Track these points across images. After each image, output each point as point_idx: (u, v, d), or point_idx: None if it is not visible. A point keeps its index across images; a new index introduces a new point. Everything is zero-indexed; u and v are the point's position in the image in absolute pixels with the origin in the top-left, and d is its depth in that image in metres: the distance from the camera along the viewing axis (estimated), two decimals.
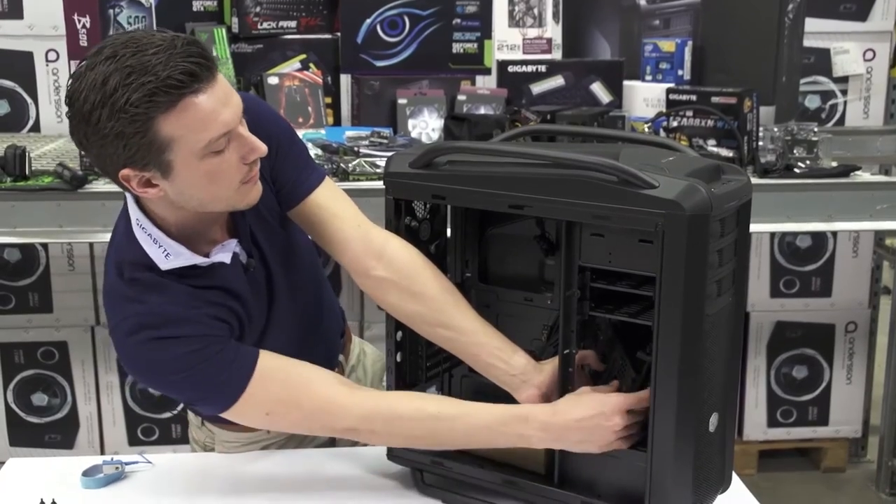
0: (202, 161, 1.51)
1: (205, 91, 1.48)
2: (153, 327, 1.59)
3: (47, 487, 1.77)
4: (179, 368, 1.59)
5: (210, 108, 1.48)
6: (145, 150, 1.48)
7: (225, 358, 1.61)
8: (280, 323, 1.80)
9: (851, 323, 3.99)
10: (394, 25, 3.27)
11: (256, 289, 1.75)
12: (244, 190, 1.59)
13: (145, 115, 1.44)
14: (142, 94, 1.43)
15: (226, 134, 1.51)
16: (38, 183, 2.68)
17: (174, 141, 1.48)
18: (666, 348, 1.47)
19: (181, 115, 1.46)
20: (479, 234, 1.82)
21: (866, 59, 3.80)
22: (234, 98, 1.53)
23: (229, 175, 1.55)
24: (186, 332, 1.59)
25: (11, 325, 3.66)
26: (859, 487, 3.99)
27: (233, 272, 1.69)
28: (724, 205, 1.49)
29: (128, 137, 1.46)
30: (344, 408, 1.64)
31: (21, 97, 3.53)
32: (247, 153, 1.55)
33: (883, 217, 2.86)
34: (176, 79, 1.44)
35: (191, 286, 1.63)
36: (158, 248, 1.61)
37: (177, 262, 1.61)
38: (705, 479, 1.58)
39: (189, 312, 1.60)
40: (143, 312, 1.60)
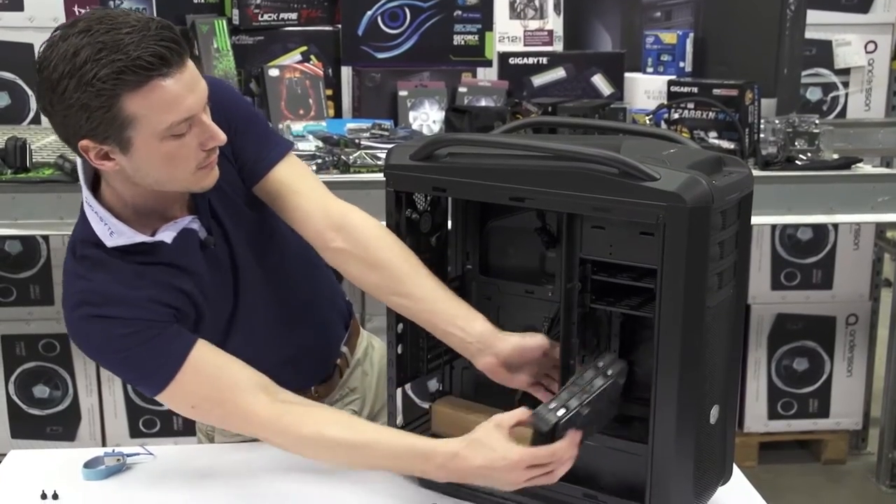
0: (162, 142, 1.54)
1: (173, 76, 1.50)
2: (94, 304, 1.63)
3: (49, 479, 1.78)
4: (116, 348, 1.64)
5: (175, 93, 1.50)
6: (107, 125, 1.50)
7: (160, 343, 1.63)
8: (253, 306, 1.81)
9: (852, 315, 3.99)
10: (394, 17, 3.27)
11: (217, 266, 1.75)
12: (200, 174, 1.62)
13: (111, 91, 1.47)
14: (110, 70, 1.45)
15: (188, 119, 1.54)
16: (38, 175, 2.68)
17: (137, 120, 1.50)
18: (667, 341, 1.47)
19: (147, 95, 1.48)
20: (480, 227, 1.82)
21: (868, 51, 3.80)
22: (200, 85, 1.56)
23: (186, 159, 1.58)
24: (125, 314, 1.62)
25: (13, 317, 3.67)
26: (859, 479, 4.00)
27: (187, 249, 1.71)
28: (726, 197, 1.49)
29: (92, 110, 1.48)
30: (259, 419, 1.66)
31: (22, 89, 3.53)
32: (206, 140, 1.58)
33: (884, 209, 2.86)
34: (146, 60, 1.46)
35: (138, 263, 1.65)
36: (104, 226, 1.64)
37: (120, 240, 1.64)
38: (706, 471, 1.58)
39: (131, 293, 1.63)
40: (86, 289, 1.64)
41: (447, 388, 1.90)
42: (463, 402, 1.85)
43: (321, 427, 1.66)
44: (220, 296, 1.77)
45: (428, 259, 1.79)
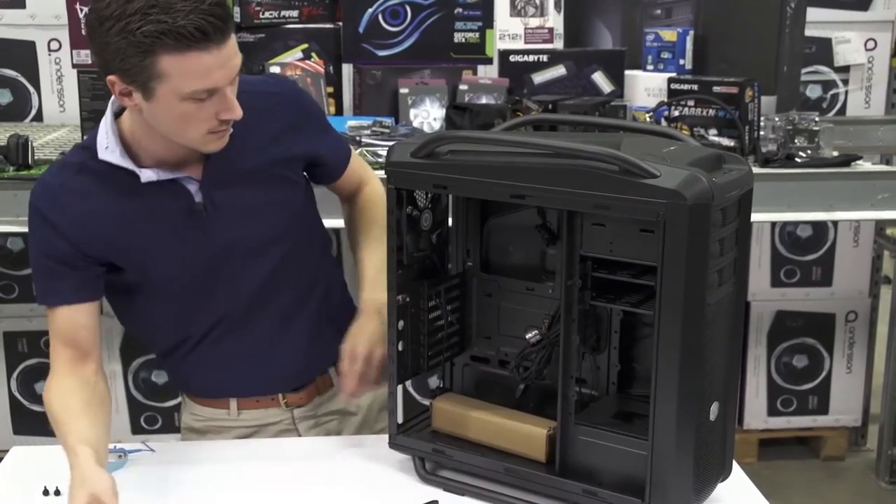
0: (181, 102, 1.61)
1: (210, 50, 1.56)
2: (42, 206, 1.76)
3: (51, 475, 1.77)
4: (37, 248, 1.79)
5: (207, 65, 1.57)
6: (137, 73, 1.58)
7: (57, 276, 1.78)
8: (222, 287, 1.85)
9: (852, 312, 4.00)
10: (395, 15, 3.26)
11: (197, 233, 1.80)
12: (210, 138, 1.70)
13: (149, 47, 1.54)
14: (154, 28, 1.52)
15: (211, 90, 1.61)
16: (40, 172, 2.68)
17: (164, 76, 1.57)
18: (667, 337, 1.47)
19: (180, 61, 1.56)
20: (480, 224, 1.83)
21: (868, 49, 3.80)
22: (233, 61, 1.62)
23: (200, 122, 1.66)
24: (60, 226, 1.74)
25: (15, 314, 3.67)
26: (859, 476, 4.00)
27: (167, 201, 1.77)
28: (726, 194, 1.49)
29: (127, 56, 1.56)
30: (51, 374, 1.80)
31: (24, 86, 3.53)
32: (223, 111, 1.65)
33: (884, 207, 2.86)
34: (189, 31, 1.53)
35: (104, 191, 1.75)
36: (105, 139, 1.75)
37: (108, 156, 1.74)
38: (706, 468, 1.58)
39: (70, 205, 1.75)
40: (48, 185, 1.79)
41: (448, 385, 1.90)
42: (463, 398, 1.85)
43: (55, 403, 1.75)
44: (185, 263, 1.81)
45: (428, 255, 1.80)
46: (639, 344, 1.71)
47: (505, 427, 1.74)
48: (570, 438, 1.65)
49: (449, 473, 1.76)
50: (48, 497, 1.73)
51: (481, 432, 1.76)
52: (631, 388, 1.73)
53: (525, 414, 1.75)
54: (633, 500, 1.55)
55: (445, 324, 1.82)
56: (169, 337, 1.93)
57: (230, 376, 1.95)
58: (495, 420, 1.75)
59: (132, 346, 3.68)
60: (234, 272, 1.85)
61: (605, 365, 1.72)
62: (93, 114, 2.70)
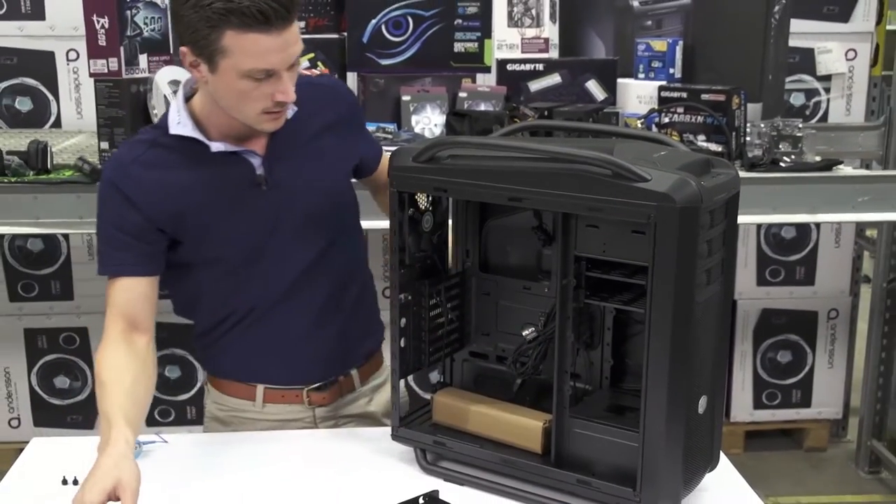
0: (240, 79, 1.66)
1: (270, 33, 1.61)
2: (115, 178, 1.80)
3: (70, 465, 1.77)
4: (106, 219, 1.82)
5: (265, 47, 1.63)
6: (204, 45, 1.64)
7: (121, 247, 1.80)
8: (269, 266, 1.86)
9: (833, 310, 3.99)
10: (398, 25, 3.26)
11: (254, 206, 1.83)
12: (264, 118, 1.74)
13: (215, 22, 1.60)
14: (222, 6, 1.59)
15: (268, 71, 1.66)
16: (59, 176, 2.68)
17: (227, 52, 1.63)
18: (658, 334, 1.47)
19: (241, 39, 1.61)
20: (479, 225, 1.82)
21: (848, 59, 3.80)
22: (292, 48, 1.67)
23: (255, 101, 1.70)
24: (133, 197, 1.77)
25: (35, 311, 3.67)
26: (840, 466, 4.00)
27: (232, 172, 1.82)
28: (714, 197, 1.49)
29: (196, 29, 1.63)
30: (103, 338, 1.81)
31: (43, 94, 3.53)
32: (277, 93, 1.69)
33: (864, 209, 2.86)
34: (251, 13, 1.58)
35: (172, 164, 1.80)
36: (176, 115, 1.80)
37: (180, 129, 1.78)
38: (694, 458, 1.58)
39: (142, 176, 1.78)
40: (120, 160, 1.83)
41: (448, 380, 1.90)
42: (463, 392, 1.85)
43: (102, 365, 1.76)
44: (239, 234, 1.83)
45: (429, 256, 1.80)
46: (631, 340, 1.71)
47: (502, 420, 1.73)
48: (565, 431, 1.65)
49: (449, 464, 1.76)
50: (67, 486, 1.73)
51: (480, 425, 1.76)
52: (623, 382, 1.73)
53: (522, 407, 1.75)
54: (625, 490, 1.55)
55: (445, 321, 1.82)
56: (210, 315, 1.93)
57: (261, 361, 1.94)
58: (493, 413, 1.75)
59: None
60: (280, 253, 1.85)
61: (599, 360, 1.72)
62: (109, 120, 2.70)
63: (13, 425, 3.74)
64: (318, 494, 1.71)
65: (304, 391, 1.96)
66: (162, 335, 3.58)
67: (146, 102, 2.77)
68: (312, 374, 1.97)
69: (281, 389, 1.96)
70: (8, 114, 3.53)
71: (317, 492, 1.72)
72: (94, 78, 2.71)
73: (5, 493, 1.73)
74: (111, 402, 1.68)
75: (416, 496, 1.66)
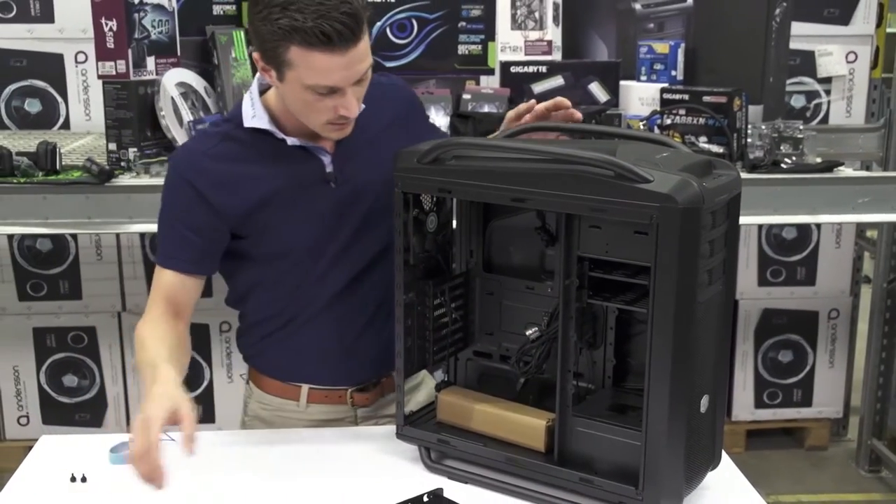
0: (304, 91, 1.67)
1: (334, 52, 1.61)
2: (181, 159, 1.82)
3: (78, 463, 1.78)
4: (171, 207, 1.81)
5: (327, 66, 1.63)
6: (272, 56, 1.66)
7: (180, 237, 1.80)
8: (329, 263, 1.84)
9: (834, 310, 3.99)
10: (402, 28, 3.26)
11: (323, 202, 1.82)
12: (329, 128, 1.75)
13: (282, 37, 1.61)
14: (288, 23, 1.59)
15: (331, 87, 1.66)
16: (67, 177, 2.68)
17: (292, 65, 1.64)
18: (660, 334, 1.46)
19: (305, 56, 1.62)
20: (483, 226, 1.82)
21: (849, 61, 3.79)
22: (357, 66, 1.66)
23: (319, 112, 1.71)
24: (193, 181, 1.77)
25: (44, 311, 3.67)
26: (840, 464, 3.99)
27: (305, 169, 1.81)
28: (715, 198, 1.49)
29: (265, 40, 1.65)
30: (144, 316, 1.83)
31: (52, 96, 3.53)
32: (340, 107, 1.69)
33: (864, 210, 2.85)
34: (315, 33, 1.58)
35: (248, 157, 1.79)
36: (251, 109, 1.80)
37: (257, 122, 1.79)
38: (696, 457, 1.58)
39: (212, 168, 1.78)
40: (190, 147, 1.87)
41: (452, 379, 1.90)
42: (467, 391, 1.85)
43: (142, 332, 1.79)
44: (307, 225, 1.82)
45: (434, 256, 1.79)
46: (633, 340, 1.71)
47: (506, 419, 1.73)
48: (568, 429, 1.64)
49: (453, 462, 1.76)
50: (75, 483, 1.73)
51: (484, 423, 1.75)
52: (625, 381, 1.72)
53: (525, 406, 1.75)
54: (627, 488, 1.55)
55: (450, 321, 1.81)
56: (261, 311, 1.92)
57: (308, 362, 1.93)
58: (497, 412, 1.75)
59: None
60: (338, 253, 1.84)
61: (602, 360, 1.72)
62: (117, 122, 2.70)
63: (22, 423, 3.75)
64: (322, 492, 1.71)
65: (347, 392, 1.95)
66: None
67: (154, 104, 2.77)
68: (358, 375, 1.95)
69: (325, 390, 1.95)
70: (17, 115, 3.53)
71: (321, 489, 1.72)
72: (103, 80, 2.71)
73: (14, 491, 1.73)
74: (155, 353, 1.70)
75: (421, 494, 1.66)
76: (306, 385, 1.94)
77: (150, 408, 1.53)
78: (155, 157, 2.75)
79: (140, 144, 2.72)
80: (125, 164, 2.72)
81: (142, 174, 2.70)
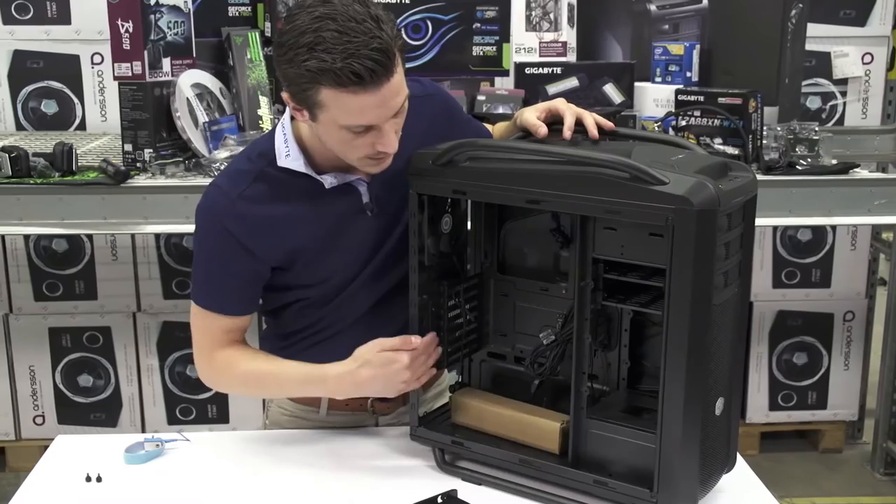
0: (340, 130, 1.62)
1: (367, 91, 1.55)
2: (214, 200, 1.74)
3: (93, 463, 1.78)
4: (206, 251, 1.77)
5: (361, 105, 1.56)
6: (302, 98, 1.60)
7: (221, 281, 1.77)
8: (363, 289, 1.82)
9: (849, 312, 3.97)
10: (417, 29, 3.26)
11: (361, 233, 1.79)
12: (368, 162, 1.68)
13: (311, 79, 1.55)
14: (316, 64, 1.53)
15: (367, 126, 1.61)
16: (83, 178, 2.69)
17: (324, 106, 1.58)
18: (675, 336, 1.46)
19: (337, 97, 1.56)
20: (497, 227, 1.82)
21: (865, 63, 3.78)
22: (392, 101, 1.60)
23: (357, 149, 1.65)
24: (234, 229, 1.72)
25: (59, 311, 3.69)
26: (855, 467, 3.98)
27: (342, 201, 1.77)
28: (731, 200, 1.48)
29: (293, 82, 1.59)
30: (208, 363, 1.82)
31: (68, 97, 3.54)
32: (378, 144, 1.63)
33: (880, 212, 2.84)
34: (345, 73, 1.52)
35: (284, 198, 1.74)
36: (285, 147, 1.74)
37: (290, 163, 1.73)
38: (711, 459, 1.57)
39: (247, 211, 1.72)
40: (222, 185, 1.76)
41: (466, 381, 1.90)
42: (481, 393, 1.85)
43: (241, 364, 1.80)
44: (345, 259, 1.80)
45: (448, 257, 1.79)
46: (648, 342, 1.70)
47: (520, 420, 1.73)
48: (583, 431, 1.64)
49: (467, 464, 1.76)
50: (90, 483, 1.73)
51: (498, 425, 1.75)
52: (640, 383, 1.72)
53: (539, 408, 1.75)
54: (641, 491, 1.54)
55: (464, 322, 1.81)
56: (290, 324, 1.88)
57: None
58: (511, 414, 1.74)
59: (168, 342, 3.69)
60: (373, 275, 1.81)
61: (616, 362, 1.72)
62: (133, 123, 2.71)
63: (38, 423, 3.76)
64: (336, 493, 1.71)
65: (368, 399, 1.93)
66: (183, 334, 3.63)
67: (169, 105, 2.78)
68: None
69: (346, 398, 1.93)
70: (34, 116, 3.55)
71: (336, 490, 1.72)
72: (119, 81, 2.72)
73: (30, 491, 1.74)
74: (288, 365, 1.79)
75: (435, 495, 1.66)
76: None
77: (375, 346, 1.70)
78: (170, 157, 2.76)
79: (156, 145, 2.73)
80: (141, 165, 2.73)
81: (157, 175, 2.70)
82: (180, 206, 2.63)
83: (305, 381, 1.79)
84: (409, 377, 1.71)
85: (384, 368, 1.70)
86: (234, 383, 1.89)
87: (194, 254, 1.79)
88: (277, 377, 1.80)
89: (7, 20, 3.47)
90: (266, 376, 1.81)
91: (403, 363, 1.69)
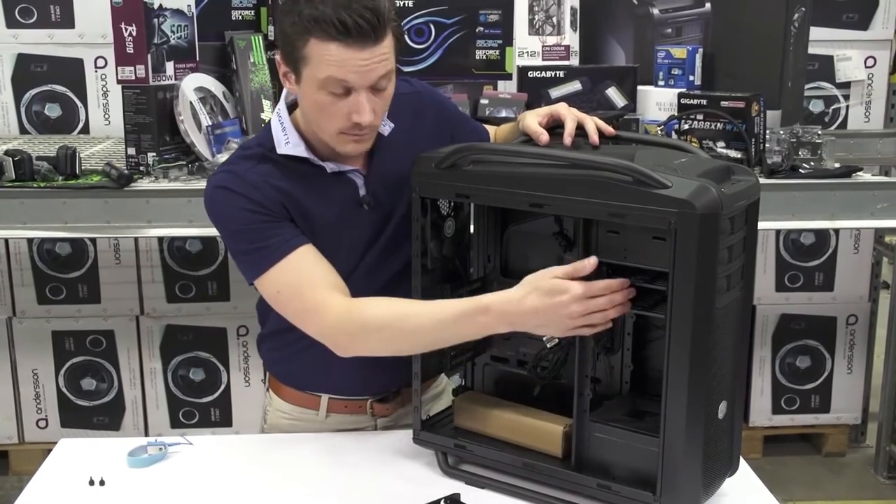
0: (318, 91, 1.65)
1: (350, 46, 1.60)
2: (228, 180, 1.74)
3: (96, 466, 1.78)
4: (234, 219, 1.73)
5: (343, 58, 1.61)
6: (291, 53, 1.66)
7: (269, 232, 1.71)
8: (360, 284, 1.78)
9: (852, 316, 3.97)
10: (420, 33, 3.27)
11: (357, 226, 1.80)
12: (341, 138, 1.71)
13: (303, 29, 1.62)
14: (311, 13, 1.60)
15: (344, 85, 1.64)
16: (87, 181, 2.69)
17: (309, 61, 1.63)
18: (678, 340, 1.46)
19: (322, 47, 1.61)
20: (500, 231, 1.82)
21: (867, 66, 3.78)
22: (372, 69, 1.63)
23: (332, 117, 1.68)
24: (251, 194, 1.72)
25: (62, 314, 3.69)
26: (858, 471, 3.97)
27: (339, 193, 1.79)
28: (734, 204, 1.48)
29: (287, 36, 1.66)
30: (331, 311, 1.69)
31: (72, 101, 3.55)
32: (353, 112, 1.66)
33: (883, 216, 2.84)
34: (332, 21, 1.59)
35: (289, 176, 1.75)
36: (283, 135, 1.77)
37: (291, 149, 1.76)
38: (714, 463, 1.57)
39: (263, 183, 1.73)
40: (228, 170, 1.77)
41: (469, 384, 1.90)
42: (484, 396, 1.85)
43: (387, 304, 1.70)
44: (343, 251, 1.79)
45: (451, 260, 1.79)
46: (651, 346, 1.70)
47: (523, 424, 1.73)
48: (585, 435, 1.64)
49: (470, 467, 1.76)
50: (94, 487, 1.73)
51: (501, 429, 1.75)
52: (643, 387, 1.72)
53: (542, 411, 1.74)
54: (644, 494, 1.54)
55: None
56: (288, 322, 1.83)
57: (330, 371, 1.87)
58: (514, 417, 1.74)
59: (171, 345, 3.69)
60: (368, 269, 1.82)
61: (619, 365, 1.71)
62: (136, 126, 2.71)
63: (41, 426, 3.76)
64: (339, 497, 1.71)
65: (368, 402, 1.94)
66: (186, 338, 3.64)
67: (172, 109, 2.78)
68: (379, 385, 1.94)
69: (345, 400, 1.94)
70: (37, 120, 3.55)
71: (338, 494, 1.72)
72: (122, 85, 2.72)
73: (33, 494, 1.74)
74: (438, 305, 1.66)
75: (438, 499, 1.66)
76: (326, 395, 1.94)
77: (547, 277, 1.56)
78: (174, 161, 2.76)
79: (159, 149, 2.73)
80: (144, 169, 2.73)
81: (160, 179, 2.71)
82: (183, 209, 2.64)
83: (462, 315, 1.62)
84: (578, 312, 1.53)
85: (551, 298, 1.54)
86: (368, 330, 1.70)
87: (226, 238, 1.79)
88: (430, 314, 1.65)
89: (11, 24, 3.48)
90: (410, 316, 1.67)
91: (574, 294, 1.52)
